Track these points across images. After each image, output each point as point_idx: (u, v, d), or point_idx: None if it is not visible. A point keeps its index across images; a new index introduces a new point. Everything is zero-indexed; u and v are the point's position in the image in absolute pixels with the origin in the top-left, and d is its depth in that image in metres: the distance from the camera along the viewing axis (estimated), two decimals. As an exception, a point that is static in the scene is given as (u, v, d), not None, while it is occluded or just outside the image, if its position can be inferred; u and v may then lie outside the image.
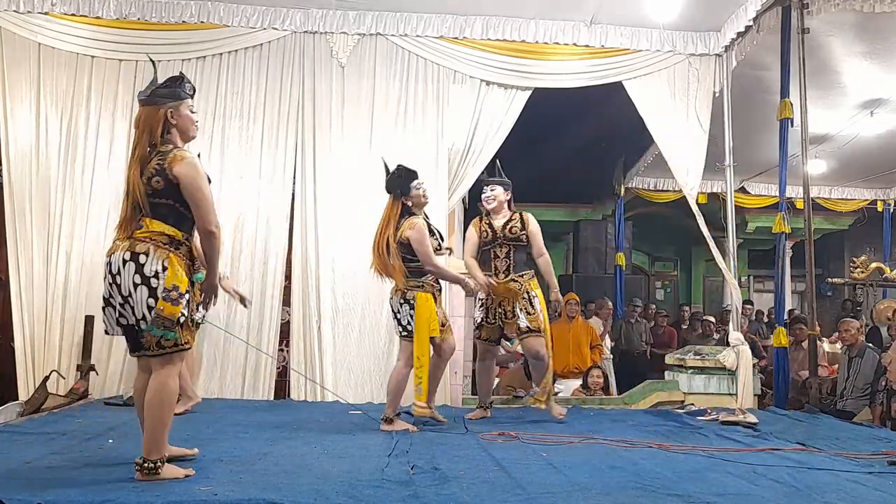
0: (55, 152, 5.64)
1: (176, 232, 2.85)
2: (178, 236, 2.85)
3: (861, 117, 7.55)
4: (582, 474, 3.07)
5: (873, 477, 3.18)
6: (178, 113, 2.94)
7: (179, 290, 2.79)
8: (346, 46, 5.96)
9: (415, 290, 4.18)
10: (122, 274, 2.77)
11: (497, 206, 4.72)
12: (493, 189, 4.73)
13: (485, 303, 4.71)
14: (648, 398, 5.79)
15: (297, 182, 5.83)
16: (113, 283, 2.79)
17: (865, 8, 5.09)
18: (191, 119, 2.98)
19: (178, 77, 3.01)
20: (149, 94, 2.95)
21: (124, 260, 2.77)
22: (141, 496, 2.49)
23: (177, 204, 2.85)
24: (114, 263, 2.79)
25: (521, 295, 4.57)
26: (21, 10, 5.67)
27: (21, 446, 3.38)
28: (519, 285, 4.58)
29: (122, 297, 2.77)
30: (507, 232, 4.64)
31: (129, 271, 2.75)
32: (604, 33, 6.06)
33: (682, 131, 6.08)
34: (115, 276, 2.78)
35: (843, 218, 11.03)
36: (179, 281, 2.79)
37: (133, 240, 2.81)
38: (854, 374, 6.04)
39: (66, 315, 5.45)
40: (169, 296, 2.76)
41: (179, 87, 2.97)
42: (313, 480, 2.81)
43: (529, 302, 4.57)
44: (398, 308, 4.24)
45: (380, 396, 5.57)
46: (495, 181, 4.77)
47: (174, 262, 2.80)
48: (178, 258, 2.83)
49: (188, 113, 2.98)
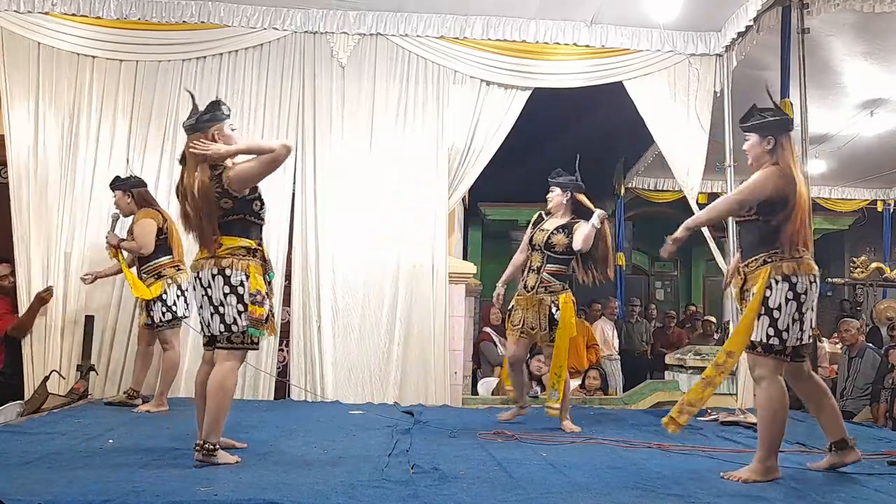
0: (55, 152, 5.64)
1: (249, 242, 3.21)
2: (252, 245, 3.21)
3: (861, 117, 7.54)
4: (582, 474, 3.07)
5: (873, 477, 3.18)
6: (222, 133, 3.23)
7: (262, 293, 3.17)
8: (347, 46, 5.96)
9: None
10: (213, 286, 3.15)
11: (554, 208, 4.58)
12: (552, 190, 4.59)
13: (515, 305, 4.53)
14: (648, 398, 5.80)
15: (297, 182, 5.83)
16: (204, 295, 3.18)
17: (865, 8, 5.09)
18: (233, 137, 3.28)
19: (216, 101, 3.31)
20: (194, 121, 3.25)
21: (213, 275, 3.15)
22: (141, 496, 2.49)
23: (245, 216, 3.19)
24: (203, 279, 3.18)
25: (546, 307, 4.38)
26: (21, 10, 5.66)
27: (21, 446, 3.37)
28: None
29: (212, 307, 3.17)
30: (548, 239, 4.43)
31: (218, 284, 3.14)
32: (604, 33, 6.06)
33: (683, 131, 6.08)
34: (205, 290, 3.18)
35: (843, 218, 11.01)
36: (260, 286, 3.17)
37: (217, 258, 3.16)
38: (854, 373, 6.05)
39: (66, 315, 5.45)
40: (255, 299, 3.15)
41: (218, 111, 3.26)
42: (313, 480, 2.81)
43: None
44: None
45: (380, 396, 5.59)
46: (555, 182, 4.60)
47: (253, 270, 3.17)
48: (256, 265, 3.20)
49: (230, 132, 3.27)
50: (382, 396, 5.59)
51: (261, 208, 3.23)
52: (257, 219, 3.24)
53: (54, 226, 5.55)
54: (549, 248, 4.41)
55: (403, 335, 5.71)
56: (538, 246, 4.43)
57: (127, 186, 4.87)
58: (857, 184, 10.11)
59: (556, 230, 4.40)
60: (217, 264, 3.15)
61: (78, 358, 5.31)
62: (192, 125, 3.24)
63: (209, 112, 3.24)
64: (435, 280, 5.79)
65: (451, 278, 5.86)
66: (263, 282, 3.21)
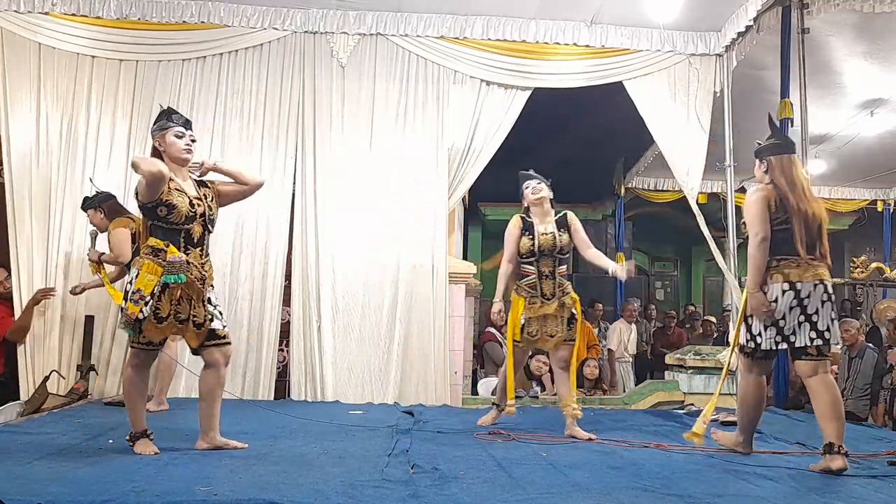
0: (55, 152, 5.64)
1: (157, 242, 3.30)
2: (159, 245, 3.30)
3: (861, 117, 7.55)
4: (582, 474, 3.07)
5: (873, 478, 3.18)
6: (164, 141, 3.38)
7: (141, 293, 3.21)
8: (347, 46, 5.96)
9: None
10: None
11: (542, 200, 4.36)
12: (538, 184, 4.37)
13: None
14: (648, 398, 5.80)
15: (297, 182, 5.84)
16: None
17: (865, 8, 5.09)
18: (174, 144, 3.38)
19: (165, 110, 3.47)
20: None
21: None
22: (141, 496, 2.49)
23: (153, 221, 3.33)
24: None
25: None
26: (21, 10, 5.66)
27: (21, 446, 3.37)
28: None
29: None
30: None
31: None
32: (604, 33, 6.06)
33: (683, 131, 6.08)
34: None
35: (843, 218, 11.00)
36: (143, 285, 3.21)
37: None
38: (854, 374, 6.05)
39: (66, 315, 5.46)
40: (132, 297, 3.21)
41: (163, 119, 3.40)
42: (313, 480, 2.81)
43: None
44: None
45: (380, 396, 5.59)
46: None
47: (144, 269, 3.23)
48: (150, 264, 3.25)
49: (172, 139, 3.37)
50: (382, 396, 5.59)
51: (167, 213, 3.26)
52: (166, 223, 3.29)
53: (54, 226, 5.55)
54: (561, 251, 4.27)
55: (403, 335, 5.71)
56: (546, 250, 4.24)
57: (96, 203, 4.87)
58: (857, 184, 10.11)
59: (559, 231, 4.28)
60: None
61: (78, 358, 5.31)
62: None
63: (156, 121, 3.43)
64: (435, 280, 5.79)
65: (451, 278, 5.86)
66: (153, 283, 3.21)
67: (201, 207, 3.36)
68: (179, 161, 3.38)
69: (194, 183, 3.45)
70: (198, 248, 3.36)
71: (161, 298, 3.24)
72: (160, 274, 3.23)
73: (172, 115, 3.41)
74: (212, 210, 3.42)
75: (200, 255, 3.38)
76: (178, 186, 3.32)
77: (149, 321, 3.23)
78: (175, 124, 3.38)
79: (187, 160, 3.41)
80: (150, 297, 3.20)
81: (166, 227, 3.28)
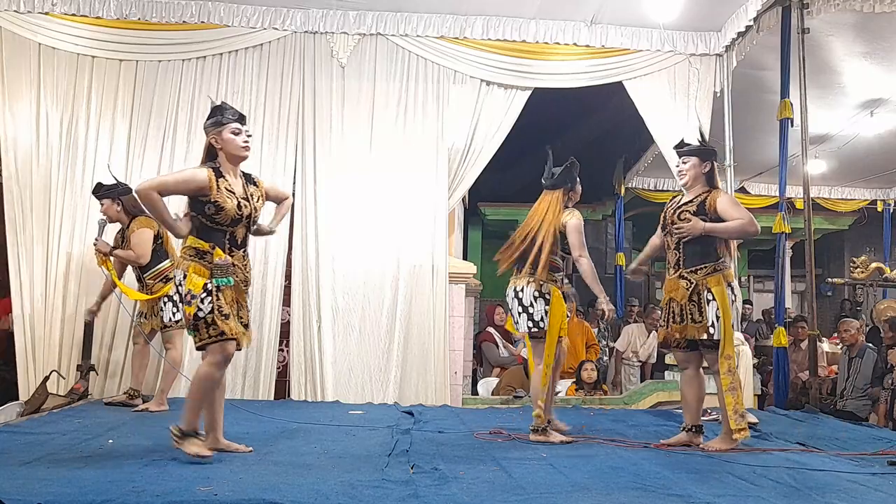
0: (55, 152, 5.64)
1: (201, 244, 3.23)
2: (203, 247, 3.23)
3: (861, 117, 7.55)
4: (582, 474, 3.07)
5: (873, 477, 3.18)
6: (220, 137, 3.28)
7: (192, 294, 3.16)
8: (347, 46, 5.96)
9: (550, 283, 3.91)
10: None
11: (688, 182, 3.95)
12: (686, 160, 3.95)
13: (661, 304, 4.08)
14: (648, 398, 5.79)
15: (297, 182, 5.84)
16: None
17: (865, 8, 5.09)
18: (232, 141, 3.29)
19: (218, 106, 3.36)
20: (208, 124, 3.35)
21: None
22: (141, 496, 2.49)
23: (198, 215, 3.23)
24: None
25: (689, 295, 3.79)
26: (21, 10, 5.67)
27: (21, 446, 3.37)
28: (688, 283, 3.80)
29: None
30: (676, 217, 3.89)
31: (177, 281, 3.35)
32: (604, 33, 6.07)
33: (683, 131, 6.07)
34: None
35: (843, 218, 11.01)
36: (193, 286, 3.16)
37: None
38: (854, 374, 6.05)
39: (66, 315, 5.45)
40: (184, 299, 3.18)
41: (219, 115, 3.29)
42: (313, 480, 2.81)
43: (697, 306, 3.76)
44: (531, 302, 3.87)
45: (380, 396, 5.59)
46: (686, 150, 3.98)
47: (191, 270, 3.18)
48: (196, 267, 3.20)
49: (229, 136, 3.28)
50: (382, 396, 5.59)
51: (215, 212, 3.18)
52: (210, 221, 3.20)
53: (54, 226, 5.55)
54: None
55: (403, 335, 5.71)
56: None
57: (115, 194, 4.83)
58: (857, 184, 10.12)
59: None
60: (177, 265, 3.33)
61: (78, 358, 5.30)
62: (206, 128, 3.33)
63: (210, 117, 3.32)
64: (435, 280, 5.79)
65: (451, 278, 5.86)
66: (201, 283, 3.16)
67: (247, 209, 3.29)
68: (236, 159, 3.31)
69: (243, 180, 3.36)
70: (241, 249, 3.32)
71: (220, 297, 3.18)
72: (207, 276, 3.17)
73: (226, 111, 3.30)
74: (257, 211, 3.36)
75: (243, 257, 3.34)
76: (228, 186, 3.23)
77: (215, 314, 3.16)
78: (231, 120, 3.29)
79: (245, 158, 3.34)
80: (204, 293, 3.15)
81: (210, 226, 3.21)
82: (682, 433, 3.90)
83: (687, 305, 3.78)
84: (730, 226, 3.73)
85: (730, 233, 3.78)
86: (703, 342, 3.78)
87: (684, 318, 3.79)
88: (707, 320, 3.72)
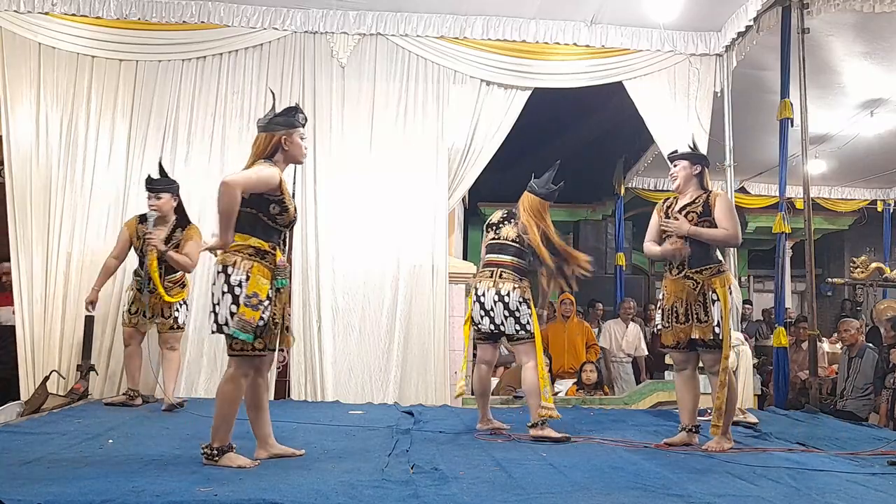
0: (55, 152, 5.64)
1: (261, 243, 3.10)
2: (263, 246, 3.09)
3: (861, 117, 7.56)
4: (582, 474, 3.07)
5: (873, 477, 3.18)
6: (290, 140, 3.21)
7: (259, 297, 3.01)
8: (347, 46, 5.96)
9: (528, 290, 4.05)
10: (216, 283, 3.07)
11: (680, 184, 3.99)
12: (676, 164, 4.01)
13: (661, 305, 4.05)
14: (648, 398, 5.80)
15: (297, 182, 5.83)
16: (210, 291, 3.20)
17: (865, 8, 5.09)
18: (301, 146, 3.26)
19: (293, 108, 3.31)
20: (266, 122, 3.24)
21: (217, 271, 3.05)
22: (141, 496, 2.49)
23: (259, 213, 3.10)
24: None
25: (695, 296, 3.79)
26: (21, 10, 5.67)
27: (21, 446, 3.37)
28: (694, 283, 3.82)
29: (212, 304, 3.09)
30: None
31: (220, 281, 3.04)
32: (604, 33, 6.07)
33: (683, 131, 6.07)
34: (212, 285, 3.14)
35: (843, 218, 11.02)
36: (259, 289, 3.01)
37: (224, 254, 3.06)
38: (854, 374, 6.05)
39: (66, 315, 5.45)
40: (250, 301, 2.99)
41: (293, 117, 3.25)
42: (313, 480, 2.81)
43: (703, 306, 3.77)
44: (517, 307, 3.95)
45: (380, 396, 5.59)
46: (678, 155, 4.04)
47: (255, 271, 3.03)
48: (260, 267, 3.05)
49: (299, 140, 3.25)
50: (382, 396, 5.59)
51: (280, 212, 3.10)
52: (273, 221, 3.11)
53: (54, 226, 5.55)
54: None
55: (403, 335, 5.71)
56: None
57: (176, 190, 4.83)
58: (857, 184, 10.12)
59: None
60: (223, 261, 3.04)
61: (78, 358, 5.30)
62: (264, 126, 3.25)
63: (283, 116, 3.25)
64: (435, 280, 5.79)
65: (451, 278, 5.86)
66: (268, 286, 3.04)
67: (297, 213, 3.31)
68: (297, 162, 3.34)
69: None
70: (284, 251, 3.31)
71: (275, 303, 3.12)
72: (271, 278, 3.08)
73: (300, 114, 3.27)
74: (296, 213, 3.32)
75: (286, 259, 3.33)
76: (287, 189, 3.18)
77: (269, 327, 3.07)
78: (301, 125, 3.27)
79: (301, 164, 3.39)
80: (267, 300, 3.02)
81: (272, 226, 3.11)
82: (681, 433, 3.91)
83: (693, 306, 3.79)
84: (715, 234, 3.80)
85: (713, 240, 3.84)
86: (705, 342, 3.78)
87: (689, 318, 3.80)
88: (713, 320, 3.73)
